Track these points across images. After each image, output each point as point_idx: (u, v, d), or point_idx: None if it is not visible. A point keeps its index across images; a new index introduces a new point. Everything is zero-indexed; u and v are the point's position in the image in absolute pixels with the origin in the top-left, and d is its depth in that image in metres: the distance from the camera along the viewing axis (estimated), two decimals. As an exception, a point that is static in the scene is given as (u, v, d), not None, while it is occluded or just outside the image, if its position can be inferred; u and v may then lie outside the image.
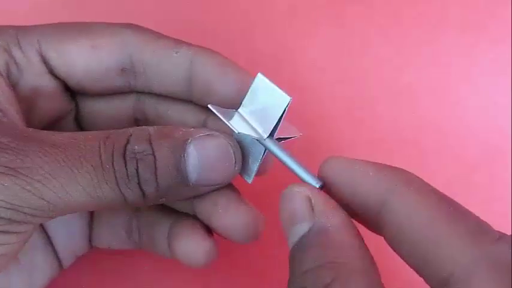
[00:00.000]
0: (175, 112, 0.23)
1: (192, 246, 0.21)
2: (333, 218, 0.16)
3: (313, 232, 0.16)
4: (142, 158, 0.17)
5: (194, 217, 0.22)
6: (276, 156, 0.19)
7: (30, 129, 0.18)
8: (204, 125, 0.23)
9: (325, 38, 0.34)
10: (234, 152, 0.19)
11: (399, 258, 0.16)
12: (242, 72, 0.21)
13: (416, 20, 0.34)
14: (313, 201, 0.16)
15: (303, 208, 0.16)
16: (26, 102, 0.21)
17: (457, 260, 0.14)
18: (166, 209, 0.23)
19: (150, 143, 0.18)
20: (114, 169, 0.17)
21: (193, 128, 0.19)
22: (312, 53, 0.34)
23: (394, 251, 0.16)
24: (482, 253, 0.14)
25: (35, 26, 0.21)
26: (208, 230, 0.22)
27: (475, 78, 0.34)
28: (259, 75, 0.20)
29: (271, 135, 0.19)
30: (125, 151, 0.17)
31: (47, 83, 0.21)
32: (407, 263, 0.16)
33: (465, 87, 0.34)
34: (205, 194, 0.20)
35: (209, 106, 0.20)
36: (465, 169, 0.32)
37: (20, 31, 0.21)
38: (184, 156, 0.18)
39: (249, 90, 0.20)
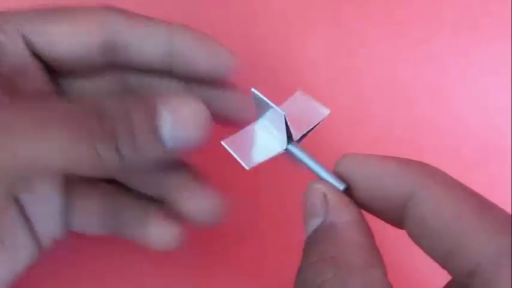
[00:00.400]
0: (159, 86, 0.24)
1: (160, 231, 0.23)
2: (344, 215, 0.16)
3: (323, 227, 0.16)
4: (120, 120, 0.18)
5: (162, 203, 0.23)
6: (301, 161, 0.19)
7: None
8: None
9: (322, 38, 0.34)
10: (205, 116, 0.20)
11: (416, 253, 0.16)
12: (219, 45, 0.23)
13: (412, 18, 0.35)
14: (328, 197, 0.17)
15: (318, 203, 0.17)
16: (8, 83, 0.21)
17: (485, 251, 0.14)
18: (137, 195, 0.24)
19: (128, 107, 0.18)
20: (93, 130, 0.18)
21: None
22: (309, 53, 0.34)
23: (417, 244, 0.16)
24: (510, 244, 0.13)
25: (18, 10, 0.22)
26: (177, 215, 0.23)
27: (472, 77, 0.34)
28: (253, 91, 0.19)
29: (295, 140, 0.19)
30: (104, 113, 0.18)
31: (29, 63, 0.22)
32: (430, 256, 0.16)
33: (461, 86, 0.34)
34: (173, 179, 0.22)
35: (222, 143, 0.20)
36: (463, 168, 0.32)
37: (2, 15, 0.21)
38: (159, 118, 0.18)
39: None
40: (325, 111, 0.19)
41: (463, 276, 0.14)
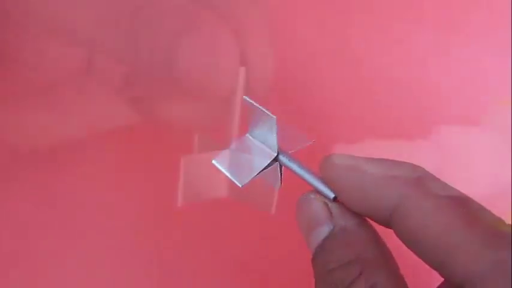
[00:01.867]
0: None
1: None
2: (350, 220, 0.16)
3: (334, 234, 0.16)
4: None
5: None
6: (290, 169, 0.18)
7: None
8: None
9: (305, 37, 0.35)
10: None
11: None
12: None
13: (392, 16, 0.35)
14: (330, 205, 0.17)
15: (323, 212, 0.17)
16: None
17: (474, 266, 0.14)
18: None
19: None
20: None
21: None
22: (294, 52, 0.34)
23: (406, 246, 0.16)
24: (499, 258, 0.13)
25: None
26: None
27: (453, 73, 0.34)
28: (245, 99, 0.19)
29: (279, 151, 0.19)
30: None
31: None
32: (421, 259, 0.16)
33: (442, 82, 0.34)
34: None
35: (213, 162, 0.19)
36: (440, 161, 0.32)
37: None
38: None
39: (251, 113, 0.19)
40: (272, 117, 0.18)
41: (454, 283, 0.14)
